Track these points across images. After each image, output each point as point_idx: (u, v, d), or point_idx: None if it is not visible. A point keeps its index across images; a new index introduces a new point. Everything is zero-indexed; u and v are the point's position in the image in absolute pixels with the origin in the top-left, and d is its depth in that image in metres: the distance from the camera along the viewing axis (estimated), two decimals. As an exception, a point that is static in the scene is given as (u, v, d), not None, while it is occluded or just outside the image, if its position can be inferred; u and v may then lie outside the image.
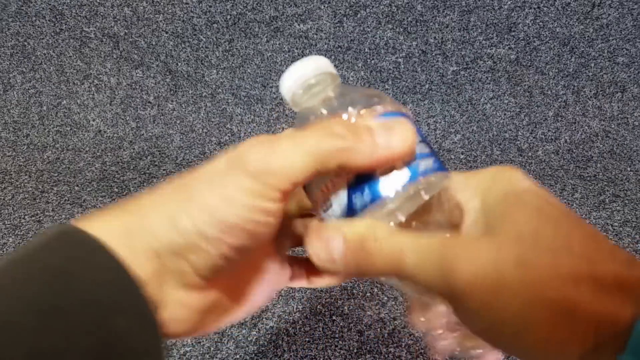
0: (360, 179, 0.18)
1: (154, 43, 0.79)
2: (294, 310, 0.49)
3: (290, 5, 0.76)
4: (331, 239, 0.18)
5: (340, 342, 0.46)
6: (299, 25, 0.77)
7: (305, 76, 0.20)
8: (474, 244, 0.16)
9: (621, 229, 0.62)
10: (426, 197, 0.18)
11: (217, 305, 0.21)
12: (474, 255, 0.15)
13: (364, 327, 0.47)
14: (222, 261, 0.18)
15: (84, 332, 0.15)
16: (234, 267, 0.19)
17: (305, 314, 0.48)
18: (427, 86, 0.80)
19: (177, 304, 0.19)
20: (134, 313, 0.17)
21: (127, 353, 0.16)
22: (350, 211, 0.18)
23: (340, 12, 0.77)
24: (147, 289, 0.17)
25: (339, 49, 0.78)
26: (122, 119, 0.81)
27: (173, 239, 0.17)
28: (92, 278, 0.16)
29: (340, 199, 0.18)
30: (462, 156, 0.77)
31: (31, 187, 0.70)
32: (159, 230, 0.18)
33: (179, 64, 0.80)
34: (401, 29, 0.78)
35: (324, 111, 0.20)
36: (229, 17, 0.78)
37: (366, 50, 0.79)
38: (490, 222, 0.17)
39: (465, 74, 0.79)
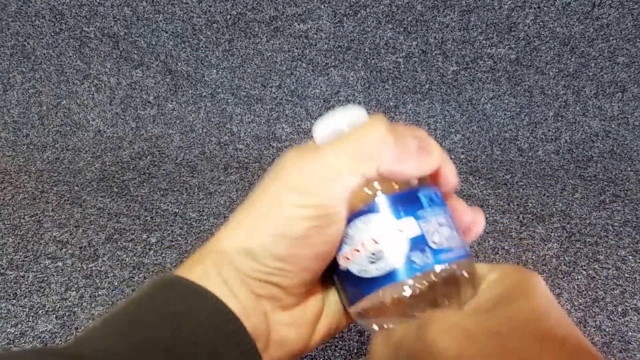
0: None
1: (153, 43, 0.79)
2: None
3: (290, 5, 0.76)
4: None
5: (340, 342, 0.45)
6: (299, 25, 0.77)
7: (338, 129, 0.20)
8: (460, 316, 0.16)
9: (621, 229, 0.62)
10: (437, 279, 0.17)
11: (320, 313, 0.21)
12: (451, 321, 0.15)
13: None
14: (305, 274, 0.18)
15: None
16: (319, 275, 0.19)
17: (305, 314, 0.48)
18: (427, 86, 0.80)
19: (284, 326, 0.19)
20: (239, 350, 0.17)
21: None
22: None
23: (340, 12, 0.77)
24: (251, 320, 0.18)
25: (339, 48, 0.78)
26: (122, 119, 0.81)
27: (254, 268, 0.18)
28: (198, 320, 0.17)
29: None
30: (462, 156, 0.77)
31: (31, 187, 0.70)
32: (240, 264, 0.18)
33: (179, 63, 0.80)
34: (401, 29, 0.78)
35: None
36: (228, 16, 0.78)
37: (366, 50, 0.78)
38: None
39: (466, 74, 0.79)
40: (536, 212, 0.65)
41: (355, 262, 0.18)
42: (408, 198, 0.17)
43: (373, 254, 0.17)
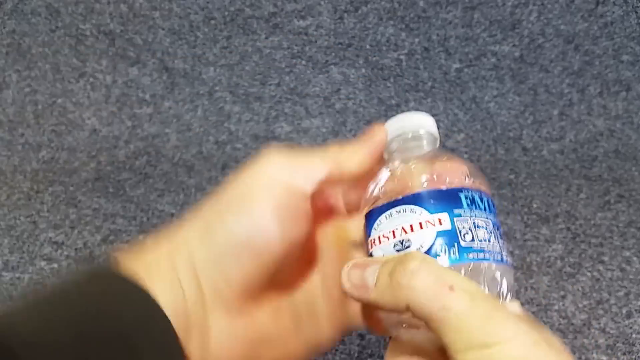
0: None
1: (150, 40, 0.79)
2: (293, 314, 0.48)
3: (290, 1, 0.76)
4: (370, 264, 0.17)
5: (341, 345, 0.45)
6: (298, 21, 0.77)
7: (403, 129, 0.21)
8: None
9: (626, 229, 0.61)
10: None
11: (269, 338, 0.20)
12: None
13: (365, 331, 0.46)
14: (256, 270, 0.18)
15: None
16: (275, 286, 0.19)
17: (304, 318, 0.48)
18: (429, 84, 0.79)
19: (222, 333, 0.18)
20: (161, 350, 0.17)
21: None
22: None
23: (340, 8, 0.76)
24: (191, 317, 0.17)
25: (340, 45, 0.78)
26: (118, 118, 0.80)
27: (208, 249, 0.18)
28: (123, 313, 0.17)
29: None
30: (465, 155, 0.76)
31: (26, 187, 0.69)
32: (195, 244, 0.18)
33: (176, 61, 0.79)
34: (403, 26, 0.77)
35: (398, 165, 0.20)
36: (226, 13, 0.77)
37: (367, 47, 0.78)
38: None
39: (469, 72, 0.79)
40: (541, 212, 0.64)
41: (381, 248, 0.18)
42: (447, 195, 0.17)
43: (400, 241, 0.17)
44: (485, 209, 0.18)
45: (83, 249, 0.58)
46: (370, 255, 0.18)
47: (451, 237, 0.16)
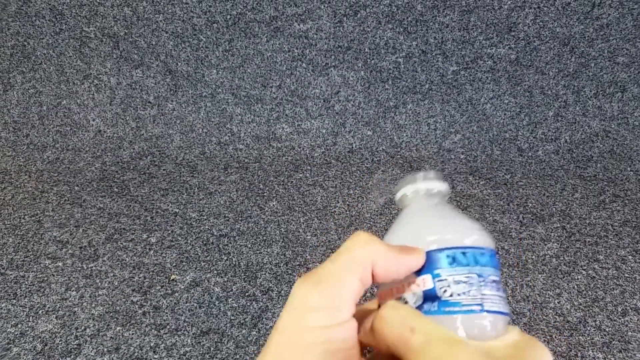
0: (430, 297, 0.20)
1: (154, 43, 0.79)
2: (294, 310, 0.49)
3: (290, 5, 0.76)
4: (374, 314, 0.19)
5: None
6: (299, 25, 0.77)
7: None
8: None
9: (621, 229, 0.62)
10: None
11: None
12: None
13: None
14: None
15: None
16: None
17: (305, 314, 0.48)
18: (427, 86, 0.80)
19: None
20: None
21: None
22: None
23: (340, 12, 0.77)
24: None
25: (339, 48, 0.78)
26: (122, 119, 0.81)
27: None
28: None
29: (415, 296, 0.20)
30: (462, 156, 0.77)
31: (31, 187, 0.70)
32: None
33: (179, 63, 0.80)
34: (401, 29, 0.77)
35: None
36: (229, 17, 0.78)
37: (366, 50, 0.78)
38: None
39: (466, 74, 0.79)
40: (536, 212, 0.65)
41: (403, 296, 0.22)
42: (429, 258, 0.21)
43: (400, 297, 0.21)
44: (467, 264, 0.20)
45: (87, 248, 0.58)
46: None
47: (432, 294, 0.20)
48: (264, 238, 0.60)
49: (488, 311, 0.19)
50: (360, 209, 0.65)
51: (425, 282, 0.20)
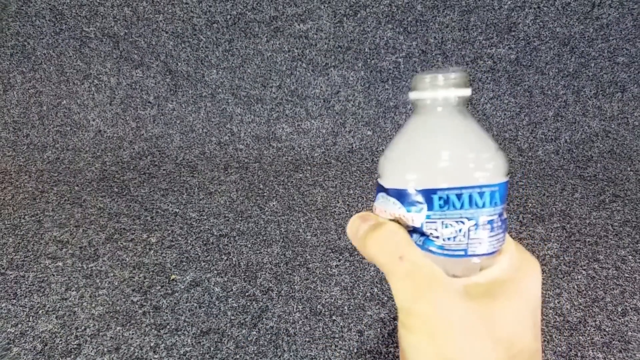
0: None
1: (154, 43, 0.79)
2: (294, 310, 0.49)
3: (290, 5, 0.76)
4: (367, 220, 0.20)
5: (340, 342, 0.46)
6: (299, 25, 0.77)
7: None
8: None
9: (621, 228, 0.62)
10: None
11: None
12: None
13: (364, 327, 0.47)
14: None
15: None
16: None
17: (305, 314, 0.48)
18: (427, 86, 0.80)
19: None
20: None
21: None
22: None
23: (340, 12, 0.77)
24: None
25: (339, 48, 0.78)
26: (122, 119, 0.81)
27: None
28: None
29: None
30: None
31: (31, 187, 0.70)
32: None
33: (179, 63, 0.80)
34: (401, 29, 0.77)
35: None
36: (229, 17, 0.78)
37: (366, 50, 0.78)
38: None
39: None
40: (536, 212, 0.65)
41: (379, 212, 0.22)
42: (425, 194, 0.20)
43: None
44: (462, 207, 0.20)
45: (88, 248, 0.58)
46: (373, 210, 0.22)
47: (420, 231, 0.20)
48: (264, 238, 0.60)
49: (473, 255, 0.19)
50: (360, 209, 0.65)
51: (414, 220, 0.20)
